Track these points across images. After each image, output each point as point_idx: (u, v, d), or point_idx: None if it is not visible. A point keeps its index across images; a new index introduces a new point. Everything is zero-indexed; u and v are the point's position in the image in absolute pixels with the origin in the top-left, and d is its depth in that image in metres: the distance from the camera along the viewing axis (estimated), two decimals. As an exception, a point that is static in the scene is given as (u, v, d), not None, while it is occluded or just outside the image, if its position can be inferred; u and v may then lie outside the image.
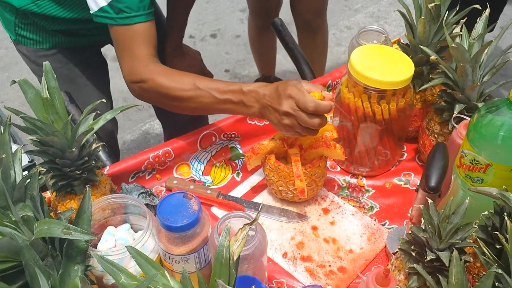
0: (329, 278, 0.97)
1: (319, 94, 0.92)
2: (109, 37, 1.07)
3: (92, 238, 0.65)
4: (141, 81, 1.04)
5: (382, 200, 1.11)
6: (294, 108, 0.92)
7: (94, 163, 0.90)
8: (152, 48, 1.07)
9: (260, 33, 2.18)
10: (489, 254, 0.71)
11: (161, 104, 1.12)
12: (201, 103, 1.02)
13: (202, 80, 1.03)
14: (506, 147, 0.81)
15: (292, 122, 0.93)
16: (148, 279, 0.56)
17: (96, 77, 1.40)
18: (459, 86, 0.99)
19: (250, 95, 0.98)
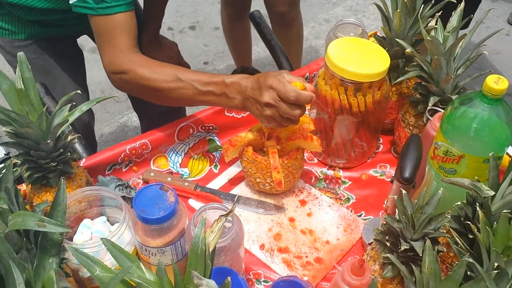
0: (306, 269, 0.98)
1: (301, 84, 0.92)
2: (85, 27, 1.06)
3: (67, 231, 0.64)
4: (122, 72, 1.03)
5: (358, 192, 1.12)
6: (275, 99, 0.92)
7: (70, 155, 0.89)
8: (133, 39, 1.06)
9: (233, 23, 2.17)
10: (461, 244, 0.72)
11: (142, 95, 1.11)
12: (182, 95, 1.02)
13: (184, 72, 1.02)
14: (479, 138, 0.82)
15: (274, 113, 0.93)
16: (123, 271, 0.56)
17: (72, 68, 1.38)
18: (434, 78, 1.00)
19: (232, 87, 0.98)
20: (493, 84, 0.77)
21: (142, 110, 1.66)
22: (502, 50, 2.80)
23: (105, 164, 1.09)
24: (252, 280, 0.97)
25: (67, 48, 1.39)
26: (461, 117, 0.84)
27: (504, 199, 0.73)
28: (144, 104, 1.57)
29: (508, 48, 2.82)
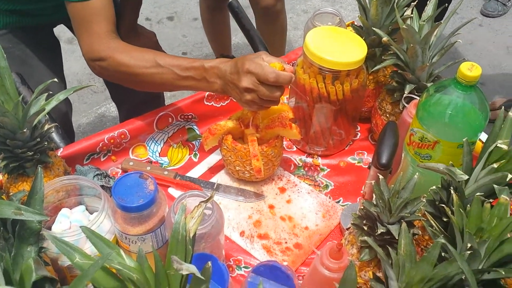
0: (285, 254, 1.00)
1: (280, 65, 0.92)
2: (61, 16, 1.04)
3: (45, 219, 0.64)
4: (101, 59, 1.02)
5: (337, 179, 1.14)
6: (254, 83, 0.92)
7: (47, 145, 0.88)
8: (111, 24, 1.05)
9: (212, 14, 2.15)
10: (436, 227, 0.74)
11: (122, 82, 1.10)
12: (162, 80, 1.01)
13: (163, 57, 1.02)
14: (453, 124, 0.84)
15: (254, 97, 0.94)
16: (103, 257, 0.56)
17: (49, 58, 1.36)
18: (410, 67, 1.02)
19: (212, 72, 0.98)
20: (467, 71, 0.79)
21: (120, 100, 1.65)
22: (475, 41, 2.85)
23: (83, 153, 1.08)
24: (232, 266, 0.98)
25: (44, 37, 1.37)
26: (436, 103, 0.85)
27: (477, 183, 0.75)
28: (122, 94, 1.56)
29: (481, 39, 2.87)
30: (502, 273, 0.65)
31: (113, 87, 1.59)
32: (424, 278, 0.64)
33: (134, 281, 0.58)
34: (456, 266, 0.62)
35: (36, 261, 0.66)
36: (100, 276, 0.59)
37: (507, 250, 0.66)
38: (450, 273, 0.62)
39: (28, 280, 0.63)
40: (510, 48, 2.83)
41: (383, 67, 1.13)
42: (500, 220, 0.68)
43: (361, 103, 1.17)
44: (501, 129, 0.77)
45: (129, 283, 0.60)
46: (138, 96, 1.50)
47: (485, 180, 0.74)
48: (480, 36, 2.89)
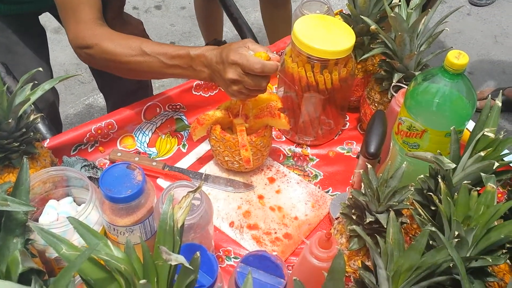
0: (275, 244, 1.00)
1: (265, 54, 0.91)
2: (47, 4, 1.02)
3: (31, 209, 0.63)
4: (87, 47, 1.01)
5: (326, 168, 1.14)
6: (240, 74, 0.91)
7: (33, 135, 0.87)
8: (97, 11, 1.03)
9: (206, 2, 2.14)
10: (424, 215, 0.74)
11: (109, 69, 1.09)
12: (149, 68, 1.00)
13: (149, 45, 1.00)
14: (441, 113, 0.84)
15: (240, 88, 0.93)
16: (90, 248, 0.55)
17: (35, 46, 1.34)
18: (398, 55, 1.02)
19: (198, 60, 0.97)
20: (454, 59, 0.79)
21: (108, 90, 1.63)
22: (463, 30, 2.86)
23: (70, 144, 1.07)
24: (222, 257, 0.97)
25: (30, 26, 1.35)
26: (423, 92, 0.85)
27: (465, 171, 0.76)
28: (110, 84, 1.54)
29: (469, 28, 2.88)
30: (489, 261, 0.65)
31: (100, 77, 1.58)
32: (412, 266, 0.64)
33: (122, 272, 0.58)
34: (444, 254, 0.63)
35: (23, 252, 0.65)
36: (87, 267, 0.58)
37: (494, 238, 0.67)
38: (438, 261, 0.63)
39: (14, 272, 0.62)
40: (498, 37, 2.84)
41: (372, 56, 1.13)
42: (487, 208, 0.68)
43: (350, 92, 1.17)
44: (488, 118, 0.78)
45: (116, 274, 0.59)
46: (126, 86, 1.49)
47: (472, 168, 0.75)
48: (468, 25, 2.90)
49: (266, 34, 2.19)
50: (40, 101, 1.15)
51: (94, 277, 0.59)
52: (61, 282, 0.54)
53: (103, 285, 0.59)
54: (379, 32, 1.03)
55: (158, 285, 0.61)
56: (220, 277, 0.76)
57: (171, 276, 0.61)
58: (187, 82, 1.18)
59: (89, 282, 0.59)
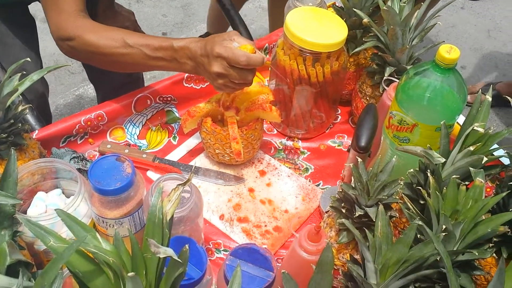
0: (264, 237, 1.00)
1: (251, 47, 0.91)
2: None
3: (18, 202, 0.62)
4: (69, 39, 1.00)
5: (317, 162, 1.14)
6: (225, 67, 0.90)
7: (21, 126, 0.86)
8: (80, 2, 1.01)
9: None
10: (413, 209, 0.75)
11: (92, 62, 1.08)
12: (133, 60, 0.99)
13: (132, 36, 0.99)
14: (431, 107, 0.85)
15: (225, 81, 0.93)
16: (78, 240, 0.55)
17: (24, 37, 1.32)
18: (390, 49, 1.02)
19: (182, 52, 0.96)
20: (446, 54, 0.79)
21: (98, 82, 1.62)
22: (456, 24, 2.86)
23: (59, 136, 1.06)
24: (212, 250, 0.97)
25: (19, 15, 1.33)
26: (415, 86, 0.85)
27: (454, 165, 0.76)
28: (100, 76, 1.53)
29: (462, 22, 2.89)
30: (475, 254, 0.66)
31: (90, 68, 1.56)
32: (400, 260, 0.64)
33: (110, 264, 0.57)
34: (432, 248, 0.63)
35: (10, 244, 0.65)
36: (75, 259, 0.58)
37: (482, 232, 0.67)
38: (425, 254, 0.63)
39: (2, 264, 0.62)
40: (491, 32, 2.85)
41: (364, 50, 1.13)
42: (475, 202, 0.69)
43: (342, 85, 1.17)
44: (478, 112, 0.78)
45: (105, 267, 0.59)
46: (117, 78, 1.48)
47: (462, 162, 0.75)
48: (461, 19, 2.90)
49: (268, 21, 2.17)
50: (29, 92, 1.14)
51: (82, 270, 0.59)
52: (49, 274, 0.54)
53: (91, 277, 0.59)
54: (371, 26, 1.02)
55: (146, 277, 0.61)
56: (209, 269, 0.76)
57: (160, 269, 0.61)
58: (178, 74, 1.18)
59: (77, 274, 0.59)
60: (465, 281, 0.68)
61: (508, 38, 2.82)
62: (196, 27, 2.76)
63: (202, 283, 0.73)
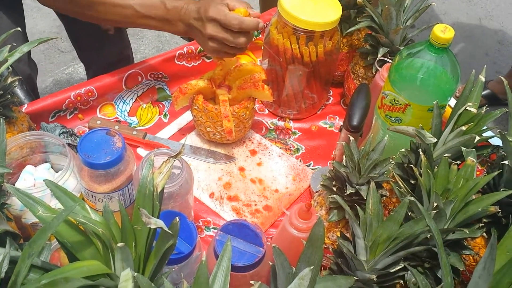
0: (254, 216, 1.00)
1: (245, 10, 0.90)
2: None
3: (7, 171, 0.61)
4: None
5: (308, 142, 1.14)
6: (218, 30, 0.89)
7: (10, 98, 0.85)
8: None
9: None
10: (403, 187, 0.75)
11: (74, 13, 1.00)
12: (120, 15, 0.95)
13: None
14: (424, 88, 0.84)
15: (218, 45, 0.91)
16: (67, 210, 0.54)
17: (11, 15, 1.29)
18: (384, 29, 1.01)
19: (174, 12, 0.93)
20: (440, 33, 0.78)
21: (88, 61, 1.60)
22: (448, 11, 2.86)
23: (48, 111, 1.04)
24: (201, 227, 0.97)
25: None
26: (408, 66, 0.85)
27: (446, 145, 0.76)
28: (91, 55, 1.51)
29: (454, 9, 2.89)
30: (466, 233, 0.66)
31: (81, 47, 1.54)
32: (390, 237, 0.64)
33: (100, 235, 0.57)
34: (422, 225, 0.63)
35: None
36: (63, 229, 0.57)
37: (472, 211, 0.68)
38: (416, 232, 0.63)
39: (-12, 235, 0.61)
40: (482, 20, 2.85)
41: (357, 31, 1.13)
42: (466, 182, 0.69)
43: (334, 66, 1.16)
44: (470, 92, 0.78)
45: (94, 238, 0.58)
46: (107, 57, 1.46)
47: (453, 142, 0.75)
48: (453, 7, 2.90)
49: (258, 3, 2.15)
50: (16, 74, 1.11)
51: (71, 240, 0.58)
52: (37, 243, 0.53)
53: (80, 248, 0.58)
54: (365, 5, 1.02)
55: (136, 249, 0.60)
56: (199, 245, 0.76)
57: (149, 241, 0.60)
58: (170, 51, 1.16)
59: (65, 245, 0.58)
60: (455, 259, 0.69)
61: (499, 26, 2.83)
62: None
63: (191, 258, 0.73)
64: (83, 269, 0.54)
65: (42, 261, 0.58)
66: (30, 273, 0.56)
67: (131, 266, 0.56)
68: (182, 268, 0.72)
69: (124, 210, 0.60)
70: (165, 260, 0.60)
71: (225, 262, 0.57)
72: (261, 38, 1.25)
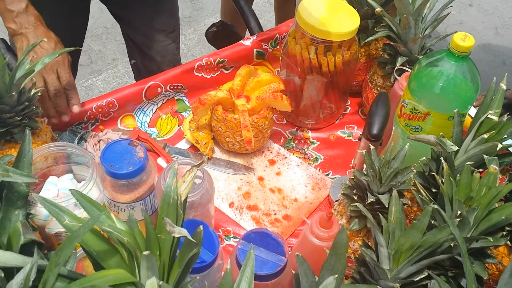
0: (274, 225, 1.00)
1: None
2: None
3: (33, 180, 0.63)
4: None
5: (326, 152, 1.14)
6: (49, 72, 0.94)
7: (35, 109, 0.86)
8: None
9: None
10: (425, 195, 0.74)
11: None
12: None
13: None
14: (444, 96, 0.84)
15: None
16: (93, 218, 0.55)
17: None
18: (402, 39, 1.02)
19: (30, 17, 0.94)
20: (460, 41, 0.78)
21: None
22: (464, 21, 2.85)
23: (70, 122, 1.06)
24: (221, 237, 0.98)
25: None
26: (428, 75, 0.85)
27: (467, 153, 0.76)
28: None
29: (470, 18, 2.87)
30: (490, 241, 0.66)
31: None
32: (413, 245, 0.64)
33: (125, 244, 0.58)
34: (446, 233, 0.63)
35: (24, 224, 0.65)
36: (90, 238, 0.58)
37: (496, 219, 0.67)
38: (440, 240, 0.63)
39: (16, 243, 0.62)
40: (499, 29, 2.84)
41: (375, 40, 1.13)
42: (489, 190, 0.68)
43: (352, 76, 1.17)
44: (492, 100, 0.78)
45: (119, 246, 0.59)
46: None
47: (475, 150, 0.75)
48: (469, 16, 2.89)
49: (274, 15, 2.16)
50: None
51: (97, 249, 0.59)
52: (64, 251, 0.54)
53: (105, 257, 0.59)
54: (384, 15, 1.02)
55: (160, 258, 0.61)
56: (221, 254, 0.76)
57: (173, 249, 0.61)
58: (189, 63, 1.18)
59: (91, 253, 0.59)
60: (478, 268, 0.68)
61: (516, 35, 2.81)
62: (204, 21, 2.76)
63: (213, 266, 0.73)
64: (109, 277, 0.55)
65: (69, 270, 0.59)
66: (57, 282, 0.57)
67: (156, 275, 0.56)
68: (205, 277, 0.73)
69: (149, 219, 0.61)
70: (189, 268, 0.61)
71: (248, 271, 0.57)
72: (278, 49, 1.26)
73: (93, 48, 2.56)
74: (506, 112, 0.78)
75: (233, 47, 1.21)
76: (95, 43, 2.58)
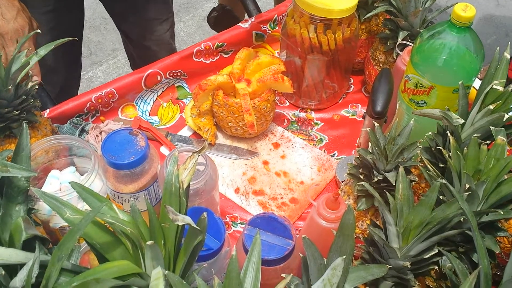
0: (281, 209, 0.99)
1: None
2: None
3: (32, 174, 0.61)
4: None
5: (331, 132, 1.12)
6: None
7: (33, 103, 0.85)
8: None
9: None
10: (433, 171, 0.73)
11: None
12: None
13: None
14: (448, 68, 0.82)
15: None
16: (94, 210, 0.54)
17: None
18: (403, 13, 0.99)
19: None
20: (461, 12, 0.76)
21: None
22: None
23: (70, 114, 1.05)
24: (228, 223, 0.97)
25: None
26: (430, 48, 0.83)
27: (474, 126, 0.74)
28: None
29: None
30: (501, 214, 0.64)
31: None
32: (422, 222, 0.63)
33: (128, 234, 0.57)
34: (455, 208, 0.61)
35: (26, 220, 0.64)
36: (92, 231, 0.57)
37: (505, 191, 0.66)
38: (449, 215, 0.61)
39: (18, 240, 0.61)
40: (500, 0, 2.79)
41: (375, 16, 1.11)
42: (498, 161, 0.67)
43: (354, 53, 1.14)
44: (496, 70, 0.76)
45: (123, 237, 0.58)
46: None
47: (481, 122, 0.73)
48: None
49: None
50: None
51: (100, 241, 0.58)
52: (66, 245, 0.53)
53: (109, 248, 0.58)
54: (383, -11, 1.00)
55: (165, 247, 0.60)
56: (227, 241, 0.75)
57: (178, 238, 0.60)
58: (187, 49, 1.16)
59: (95, 246, 0.58)
60: (490, 242, 0.67)
61: (519, 5, 2.77)
62: (202, 6, 2.73)
63: (221, 254, 0.72)
64: (113, 269, 0.54)
65: (72, 264, 0.58)
66: (60, 277, 0.56)
67: (162, 264, 0.55)
68: (212, 264, 0.72)
69: (152, 208, 0.60)
70: (195, 256, 0.60)
71: (255, 256, 0.56)
72: (278, 30, 1.24)
73: (92, 39, 2.54)
74: (510, 82, 0.76)
75: (231, 30, 1.20)
76: (94, 34, 2.57)
